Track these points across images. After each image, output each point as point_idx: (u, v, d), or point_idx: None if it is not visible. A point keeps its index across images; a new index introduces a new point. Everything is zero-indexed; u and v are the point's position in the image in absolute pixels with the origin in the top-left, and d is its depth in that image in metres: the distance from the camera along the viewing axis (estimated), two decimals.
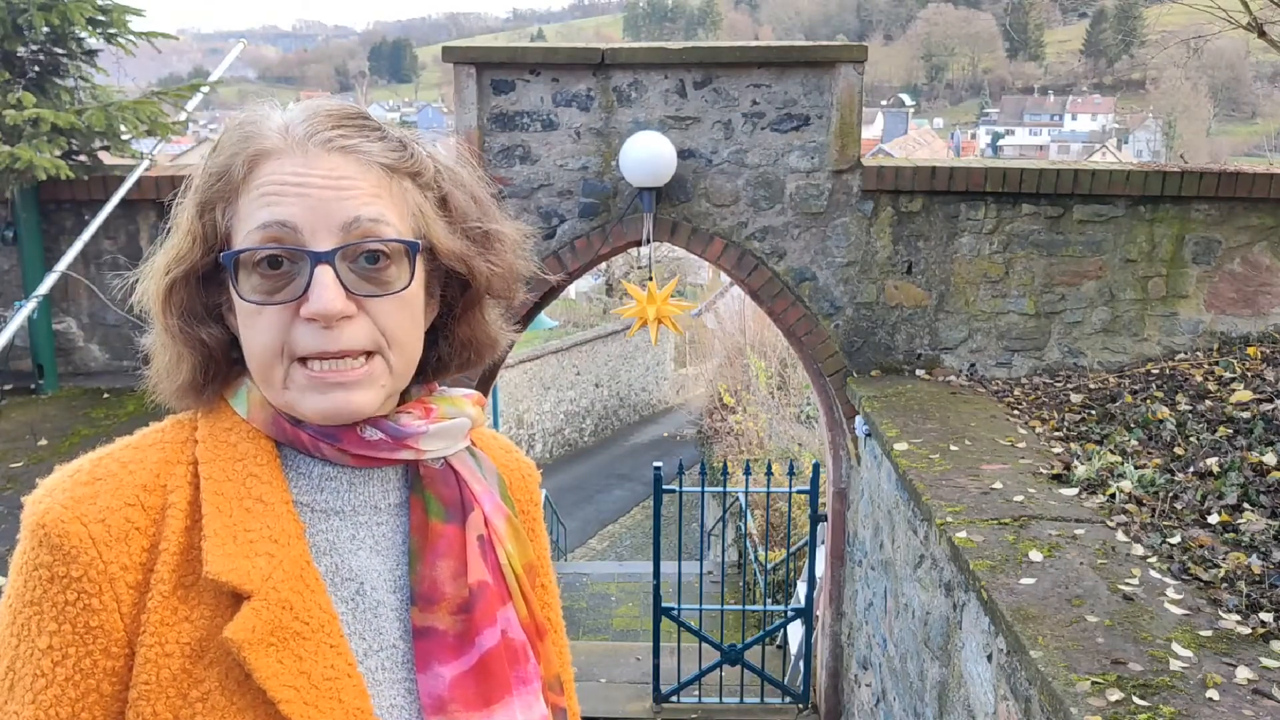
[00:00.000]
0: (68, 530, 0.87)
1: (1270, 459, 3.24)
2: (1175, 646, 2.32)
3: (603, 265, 19.99)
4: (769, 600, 7.77)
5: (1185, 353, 4.82)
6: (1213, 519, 3.00)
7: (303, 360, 0.91)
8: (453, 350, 1.08)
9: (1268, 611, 2.46)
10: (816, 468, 5.78)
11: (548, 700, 1.04)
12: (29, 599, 0.88)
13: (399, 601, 0.97)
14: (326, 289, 0.89)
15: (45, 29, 4.49)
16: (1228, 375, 4.21)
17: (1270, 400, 3.75)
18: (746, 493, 7.81)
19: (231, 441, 0.95)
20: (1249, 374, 4.16)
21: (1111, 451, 3.65)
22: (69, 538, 0.87)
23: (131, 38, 4.82)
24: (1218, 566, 2.71)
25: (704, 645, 5.97)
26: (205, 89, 5.18)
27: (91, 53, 4.91)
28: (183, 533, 0.90)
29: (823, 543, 5.89)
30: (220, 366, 0.98)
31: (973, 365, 4.99)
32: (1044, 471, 3.54)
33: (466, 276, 1.03)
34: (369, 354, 0.93)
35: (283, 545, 0.91)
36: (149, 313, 0.97)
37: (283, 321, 0.91)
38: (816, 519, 5.79)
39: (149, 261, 0.98)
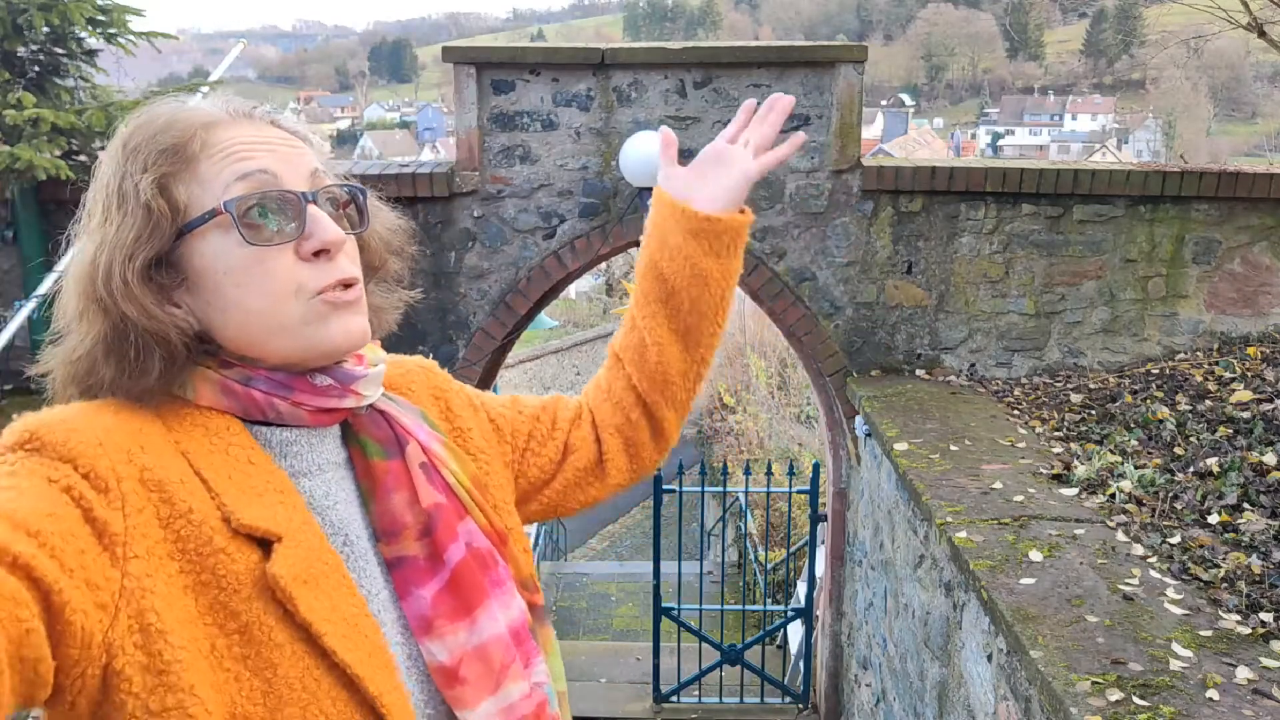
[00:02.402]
0: (66, 439, 0.84)
1: (1270, 459, 3.24)
2: (1175, 646, 2.32)
3: (603, 265, 19.97)
4: (769, 600, 7.77)
5: (1185, 353, 4.82)
6: (1213, 519, 3.00)
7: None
8: None
9: (1268, 611, 2.46)
10: (816, 468, 5.78)
11: (524, 597, 1.08)
12: (8, 473, 0.82)
13: (374, 547, 1.01)
14: (327, 220, 0.97)
15: (45, 29, 4.49)
16: (1228, 375, 4.21)
17: (1270, 400, 3.75)
18: (746, 493, 7.82)
19: (199, 422, 0.95)
20: (1249, 374, 4.16)
21: (1111, 451, 3.65)
22: (68, 442, 0.84)
23: (131, 38, 4.82)
24: (1218, 566, 2.71)
25: (704, 645, 5.97)
26: (205, 89, 5.17)
27: (91, 53, 4.91)
28: (178, 483, 0.88)
29: (823, 543, 5.89)
30: (193, 346, 0.96)
31: (973, 365, 4.99)
32: (1044, 471, 3.54)
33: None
34: (350, 285, 1.00)
35: (288, 495, 0.94)
36: (116, 306, 0.92)
37: (284, 264, 0.95)
38: (816, 519, 5.79)
39: (78, 258, 0.96)
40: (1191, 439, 3.64)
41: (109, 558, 0.82)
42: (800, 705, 6.02)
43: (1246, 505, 3.04)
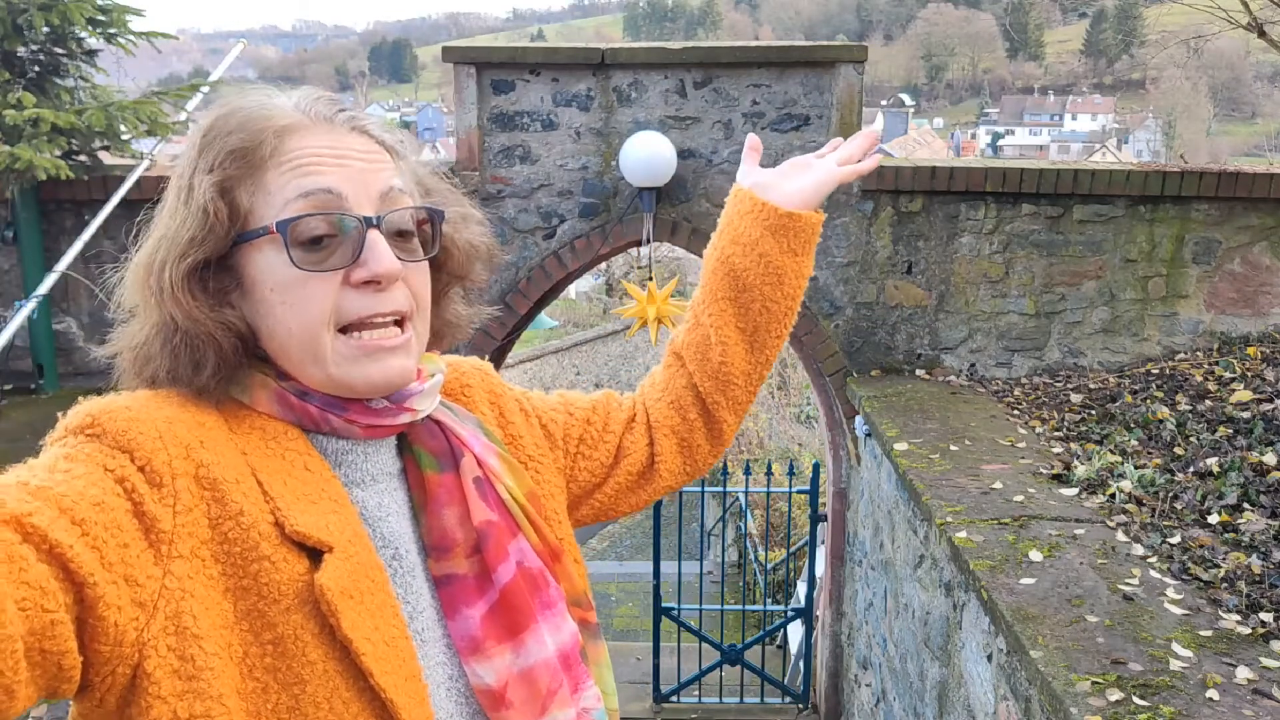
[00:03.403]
0: (126, 428, 0.83)
1: (1270, 459, 3.24)
2: (1175, 646, 2.31)
3: (603, 265, 19.99)
4: (769, 600, 7.77)
5: (1185, 353, 4.82)
6: (1213, 519, 3.00)
7: (342, 331, 0.93)
8: (430, 329, 1.09)
9: (1268, 611, 2.46)
10: (816, 468, 5.78)
11: (575, 616, 1.05)
12: (64, 455, 0.81)
13: (423, 561, 0.99)
14: (384, 249, 0.92)
15: (45, 29, 4.49)
16: (1228, 375, 4.21)
17: (1270, 400, 3.75)
18: (746, 493, 7.81)
19: (258, 425, 0.94)
20: (1249, 374, 4.16)
21: (1111, 451, 3.65)
22: (128, 432, 0.83)
23: (131, 38, 4.82)
24: (1218, 566, 2.71)
25: (704, 645, 5.97)
26: (205, 89, 5.17)
27: (91, 53, 4.91)
28: (234, 483, 0.87)
29: (823, 543, 5.89)
30: (249, 346, 0.95)
31: (973, 365, 4.98)
32: (1044, 471, 3.54)
33: (442, 258, 1.06)
34: (401, 322, 0.96)
35: (341, 505, 0.92)
36: (164, 304, 0.92)
37: (329, 290, 0.92)
38: (816, 519, 5.79)
39: (145, 244, 0.95)
40: (1191, 439, 3.63)
41: (153, 555, 0.80)
42: (800, 705, 6.02)
43: (1246, 505, 3.04)
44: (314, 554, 0.88)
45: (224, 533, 0.85)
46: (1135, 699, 2.10)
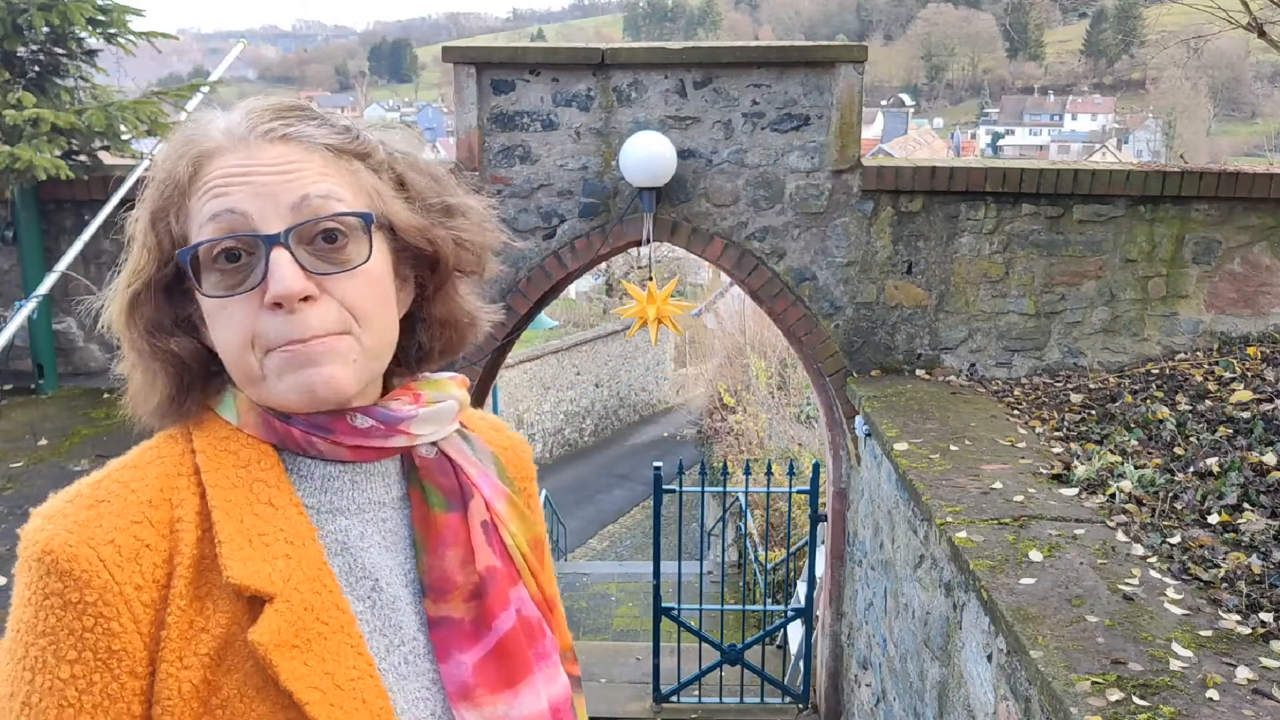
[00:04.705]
0: (76, 554, 0.85)
1: (1270, 459, 3.24)
2: (1175, 646, 2.32)
3: (603, 265, 19.99)
4: (769, 600, 7.77)
5: (1185, 353, 4.82)
6: (1213, 519, 3.00)
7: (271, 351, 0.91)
8: (432, 334, 1.07)
9: (1268, 611, 2.46)
10: (816, 468, 5.78)
11: (564, 669, 1.05)
12: (42, 629, 0.84)
13: (412, 595, 0.97)
14: (284, 269, 0.88)
15: (45, 29, 4.49)
16: (1228, 375, 4.21)
17: (1270, 400, 3.75)
18: (746, 493, 7.81)
19: (232, 449, 0.94)
20: (1249, 374, 4.16)
21: (1111, 451, 3.65)
22: (79, 561, 0.85)
23: (131, 38, 4.82)
24: (1218, 566, 2.71)
25: (704, 645, 5.97)
26: (205, 89, 5.17)
27: (91, 53, 4.91)
28: (195, 544, 0.88)
29: (823, 543, 5.89)
30: (196, 378, 0.96)
31: (973, 365, 4.98)
32: (1044, 471, 3.54)
33: (432, 253, 1.02)
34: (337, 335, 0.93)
35: (298, 547, 0.91)
36: (117, 333, 0.96)
37: (249, 313, 0.90)
38: (816, 519, 5.79)
39: (113, 282, 0.98)
40: (1191, 439, 3.64)
41: (138, 684, 0.86)
42: (800, 705, 6.02)
43: (1246, 505, 3.04)
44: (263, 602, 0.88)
45: (172, 617, 0.87)
46: (1135, 699, 2.10)
